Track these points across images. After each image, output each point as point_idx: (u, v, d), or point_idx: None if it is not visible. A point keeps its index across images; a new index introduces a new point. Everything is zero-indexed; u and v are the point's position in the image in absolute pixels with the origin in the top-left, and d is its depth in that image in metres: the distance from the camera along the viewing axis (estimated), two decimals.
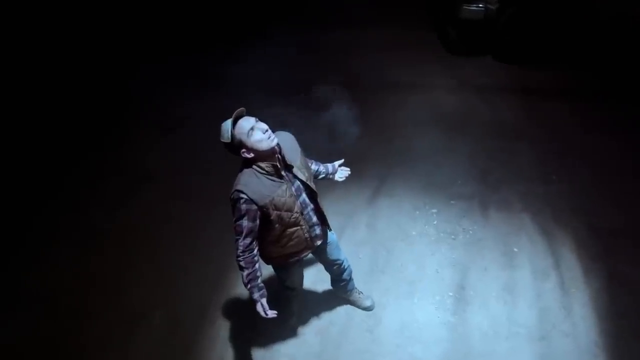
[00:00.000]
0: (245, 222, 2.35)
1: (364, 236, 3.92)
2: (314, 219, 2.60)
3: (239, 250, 2.42)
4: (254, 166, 2.32)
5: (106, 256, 3.93)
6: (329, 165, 2.92)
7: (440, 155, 4.71)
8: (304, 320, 3.33)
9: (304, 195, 2.50)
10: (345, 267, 3.08)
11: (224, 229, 2.49)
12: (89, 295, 3.64)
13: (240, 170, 2.37)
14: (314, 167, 2.83)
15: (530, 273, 3.54)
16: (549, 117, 5.16)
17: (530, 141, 4.82)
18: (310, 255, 2.83)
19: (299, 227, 2.53)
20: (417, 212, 4.10)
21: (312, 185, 2.54)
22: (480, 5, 5.75)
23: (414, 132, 5.06)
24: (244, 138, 2.24)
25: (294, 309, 3.28)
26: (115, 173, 4.80)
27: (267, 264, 2.77)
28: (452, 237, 3.86)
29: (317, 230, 2.65)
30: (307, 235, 2.58)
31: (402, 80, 5.99)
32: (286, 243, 2.56)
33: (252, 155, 2.29)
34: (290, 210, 2.43)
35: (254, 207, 2.31)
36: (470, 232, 3.89)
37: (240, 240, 2.40)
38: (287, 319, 3.28)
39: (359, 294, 3.32)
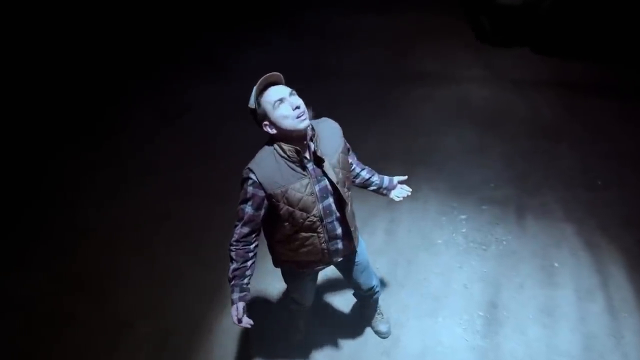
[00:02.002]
0: (247, 208, 2.08)
1: (382, 244, 3.65)
2: (338, 231, 2.25)
3: (233, 239, 2.16)
4: (276, 145, 2.03)
5: (93, 257, 3.73)
6: (386, 178, 2.58)
7: (470, 155, 4.46)
8: (311, 339, 3.07)
9: (330, 200, 2.15)
10: (374, 292, 2.80)
11: (228, 230, 2.23)
12: (72, 300, 3.43)
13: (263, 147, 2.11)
14: (365, 174, 2.51)
15: (573, 292, 3.24)
16: (594, 115, 4.88)
17: (572, 142, 4.56)
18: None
19: (314, 235, 2.19)
20: (444, 218, 3.83)
21: (344, 192, 2.18)
22: None
23: (441, 128, 4.82)
24: (268, 109, 1.96)
25: (299, 325, 3.02)
26: (108, 164, 4.63)
27: (276, 266, 2.50)
28: (483, 247, 3.58)
29: (339, 245, 2.31)
30: (324, 246, 2.25)
31: (428, 70, 5.78)
32: (297, 248, 2.24)
33: (274, 131, 2.00)
34: (306, 210, 2.10)
35: (262, 193, 2.04)
36: (504, 242, 3.61)
37: (238, 227, 2.14)
38: (291, 335, 3.04)
39: (378, 314, 3.05)
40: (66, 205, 4.21)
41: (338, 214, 2.21)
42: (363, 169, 2.53)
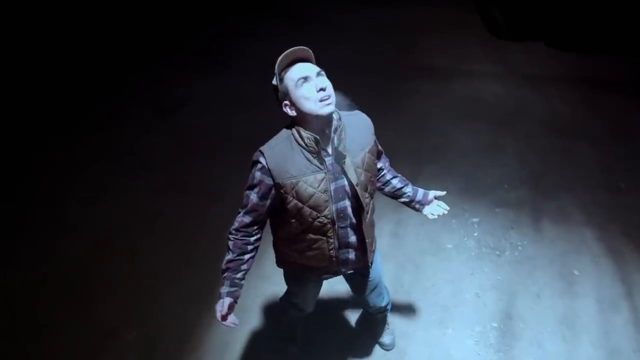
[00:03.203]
0: (252, 195, 1.88)
1: (387, 248, 3.46)
2: (352, 239, 2.02)
3: (233, 226, 1.97)
4: (294, 130, 1.83)
5: (78, 257, 3.53)
6: (420, 191, 2.31)
7: (482, 154, 4.29)
8: (309, 350, 2.87)
9: (346, 202, 1.93)
10: (383, 311, 2.61)
11: (223, 231, 2.06)
12: (54, 302, 3.24)
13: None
14: (396, 183, 2.27)
15: (595, 303, 3.04)
16: (613, 113, 4.75)
17: (592, 141, 4.41)
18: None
19: (323, 239, 1.97)
20: (454, 221, 3.64)
21: (364, 196, 1.94)
22: None
23: (452, 125, 4.67)
24: (290, 87, 1.77)
25: (297, 334, 2.83)
26: (99, 158, 4.46)
27: (279, 266, 2.29)
28: (497, 253, 3.39)
29: (350, 255, 2.07)
30: (332, 253, 2.02)
31: (438, 65, 5.65)
32: (303, 250, 2.03)
33: (294, 113, 1.80)
34: (316, 209, 1.88)
35: (269, 181, 1.84)
36: (519, 247, 3.42)
37: (239, 215, 1.94)
38: (287, 346, 2.84)
39: (383, 324, 2.83)
40: (51, 201, 4.03)
41: (354, 220, 1.98)
42: (395, 177, 2.29)
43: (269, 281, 3.14)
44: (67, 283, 3.36)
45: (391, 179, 2.28)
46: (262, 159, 1.82)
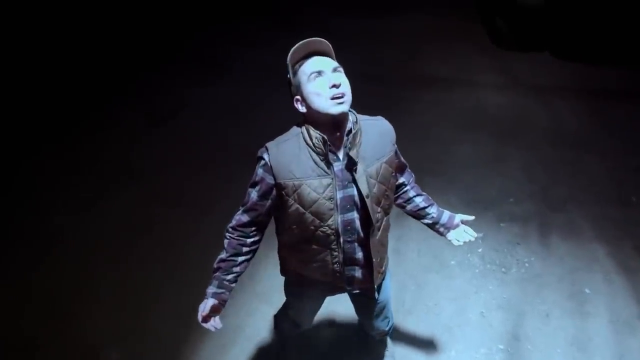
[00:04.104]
0: (253, 193, 1.77)
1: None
2: (358, 255, 1.86)
3: (230, 224, 1.85)
4: (303, 128, 1.73)
5: (61, 270, 3.38)
6: (446, 213, 2.16)
7: (486, 166, 4.18)
8: None
9: (354, 214, 1.78)
10: (385, 333, 2.48)
11: (215, 246, 1.96)
12: (33, 318, 3.09)
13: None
14: (420, 201, 2.12)
15: (607, 324, 2.90)
16: (623, 124, 4.65)
17: (601, 153, 4.31)
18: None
19: (327, 251, 1.83)
20: None
21: (374, 210, 1.79)
22: None
23: (454, 137, 4.55)
24: (303, 81, 1.68)
25: (290, 356, 2.67)
26: (88, 168, 4.33)
27: (282, 274, 2.13)
28: (503, 270, 3.26)
29: (357, 273, 1.91)
30: (337, 268, 1.86)
31: (440, 75, 5.58)
32: (306, 261, 1.88)
33: (304, 109, 1.70)
34: (319, 217, 1.74)
35: (270, 179, 1.71)
36: (526, 264, 3.29)
37: (238, 212, 1.83)
38: None
39: (384, 347, 2.68)
40: (36, 210, 3.90)
41: (362, 235, 1.82)
42: (418, 195, 2.13)
43: (262, 299, 2.99)
44: (52, 298, 3.21)
45: (414, 196, 2.12)
46: (265, 155, 1.72)
